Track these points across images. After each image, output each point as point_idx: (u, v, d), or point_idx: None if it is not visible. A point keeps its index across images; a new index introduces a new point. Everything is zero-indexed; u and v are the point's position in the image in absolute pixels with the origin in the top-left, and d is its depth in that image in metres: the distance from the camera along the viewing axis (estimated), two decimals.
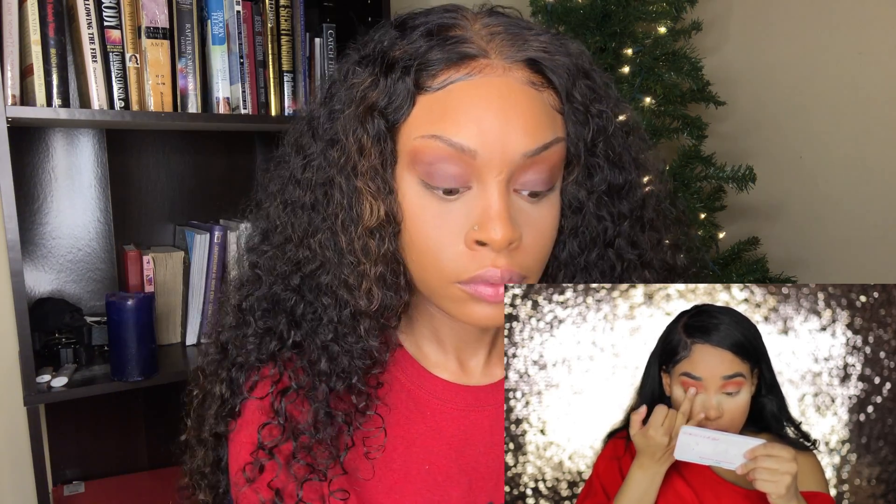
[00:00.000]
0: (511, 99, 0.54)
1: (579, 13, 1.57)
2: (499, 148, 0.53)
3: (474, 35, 0.55)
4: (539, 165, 0.55)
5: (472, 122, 0.53)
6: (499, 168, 0.53)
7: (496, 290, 0.55)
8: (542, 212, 0.57)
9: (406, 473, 0.64)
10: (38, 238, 1.56)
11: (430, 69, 0.54)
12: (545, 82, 0.56)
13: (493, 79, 0.54)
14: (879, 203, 1.56)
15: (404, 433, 0.64)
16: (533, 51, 0.55)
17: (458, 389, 0.66)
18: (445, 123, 0.53)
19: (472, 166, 0.54)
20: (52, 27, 1.27)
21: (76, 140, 1.58)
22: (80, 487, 1.56)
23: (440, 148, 0.54)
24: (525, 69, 0.55)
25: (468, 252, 0.55)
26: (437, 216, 0.55)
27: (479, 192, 0.54)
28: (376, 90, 0.56)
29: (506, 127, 0.53)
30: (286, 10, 1.49)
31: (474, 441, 0.65)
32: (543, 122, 0.55)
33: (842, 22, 1.60)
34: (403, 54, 0.56)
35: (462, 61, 0.54)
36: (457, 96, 0.54)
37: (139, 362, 1.31)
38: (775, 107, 1.76)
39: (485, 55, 0.54)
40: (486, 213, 0.54)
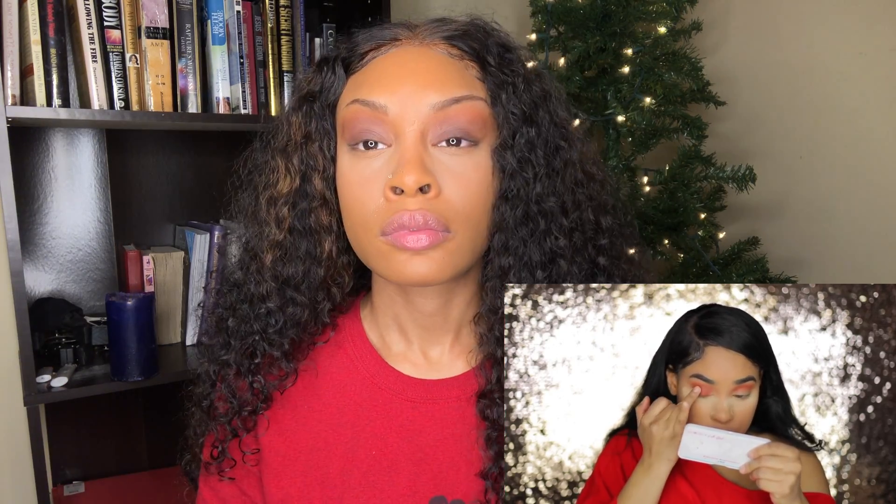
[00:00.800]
0: (423, 61, 0.60)
1: (579, 13, 1.57)
2: (409, 102, 0.59)
3: (403, 28, 0.64)
4: (453, 118, 0.59)
5: (384, 82, 0.60)
6: (410, 120, 0.59)
7: (416, 237, 0.57)
8: (464, 164, 0.60)
9: (354, 456, 0.67)
10: (38, 238, 1.56)
11: (357, 57, 0.63)
12: (464, 55, 0.62)
13: (409, 49, 0.62)
14: (880, 203, 1.56)
15: (356, 419, 0.68)
16: (451, 31, 0.62)
17: (410, 381, 0.68)
18: (363, 88, 0.61)
19: (387, 122, 0.59)
20: (52, 27, 1.27)
21: (76, 140, 1.58)
22: (80, 487, 1.56)
23: (358, 109, 0.60)
24: (443, 43, 0.62)
25: (387, 203, 0.59)
26: (361, 174, 0.61)
27: (396, 145, 0.60)
28: (313, 81, 0.65)
29: (415, 83, 0.59)
30: (286, 10, 1.49)
31: (424, 432, 0.66)
32: (455, 80, 0.60)
33: (842, 22, 1.60)
34: (339, 52, 0.65)
35: (384, 43, 0.63)
36: (376, 67, 0.62)
37: (139, 362, 1.31)
38: (775, 107, 1.76)
39: (407, 36, 0.63)
40: (400, 161, 0.58)
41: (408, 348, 0.70)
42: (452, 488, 0.65)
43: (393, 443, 0.67)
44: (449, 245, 0.59)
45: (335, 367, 0.70)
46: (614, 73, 1.60)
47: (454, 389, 0.67)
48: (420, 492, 0.65)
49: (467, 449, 0.65)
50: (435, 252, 0.58)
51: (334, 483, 0.67)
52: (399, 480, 0.66)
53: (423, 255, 0.58)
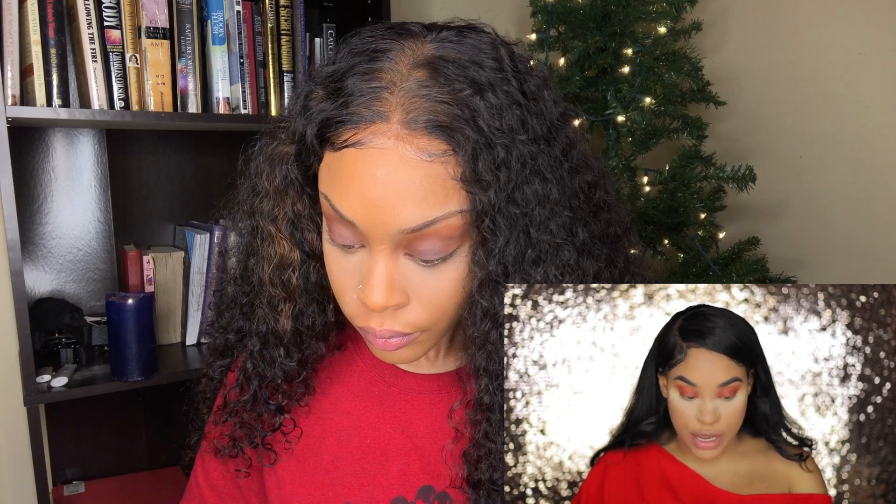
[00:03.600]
0: (397, 174, 0.52)
1: (579, 13, 1.57)
2: (378, 223, 0.53)
3: (392, 87, 0.53)
4: (428, 238, 0.54)
5: (353, 194, 0.53)
6: (379, 239, 0.54)
7: (384, 341, 0.58)
8: (438, 275, 0.56)
9: (348, 444, 0.69)
10: (38, 238, 1.56)
11: (332, 128, 0.54)
12: (448, 150, 0.53)
13: (382, 151, 0.52)
14: (880, 203, 1.56)
15: (351, 408, 0.70)
16: (441, 115, 0.52)
17: (403, 375, 0.70)
18: (333, 188, 0.55)
19: (357, 233, 0.55)
20: (52, 27, 1.27)
21: (76, 140, 1.58)
22: (80, 487, 1.56)
23: (329, 210, 0.56)
24: (425, 137, 0.52)
25: (359, 303, 0.58)
26: (338, 264, 0.59)
27: (367, 253, 0.56)
28: (289, 138, 0.59)
29: (384, 204, 0.52)
30: (286, 10, 1.49)
31: (416, 424, 0.68)
32: (431, 198, 0.53)
33: (842, 22, 1.60)
34: (318, 103, 0.56)
35: (360, 124, 0.53)
36: (347, 162, 0.53)
37: (139, 362, 1.31)
38: (775, 107, 1.76)
39: (384, 119, 0.52)
40: (368, 277, 0.55)
41: None
42: (440, 479, 0.67)
43: (386, 433, 0.68)
44: (420, 338, 0.59)
45: (334, 359, 0.72)
46: (614, 73, 1.60)
47: (445, 385, 0.69)
48: (410, 481, 0.67)
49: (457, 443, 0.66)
50: (406, 348, 0.59)
51: (327, 468, 0.69)
52: (391, 469, 0.68)
53: (395, 351, 0.59)
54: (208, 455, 0.75)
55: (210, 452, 0.74)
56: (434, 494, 0.67)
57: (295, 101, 0.60)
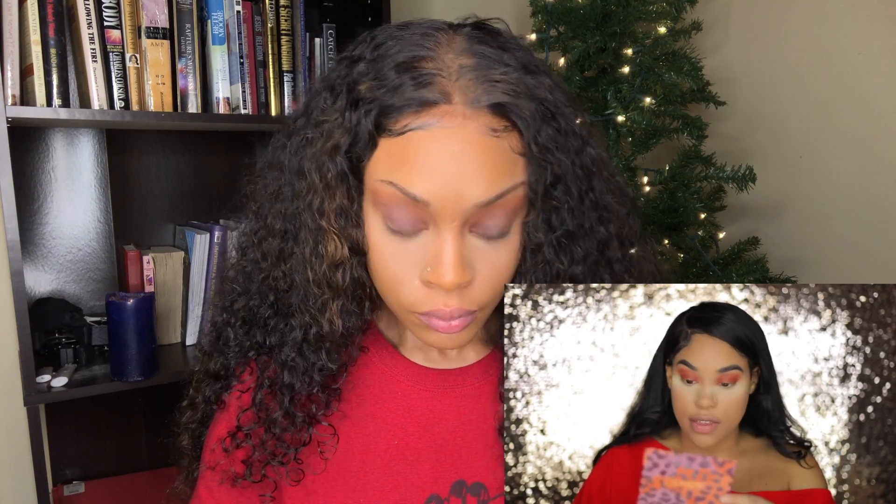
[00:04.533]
0: (467, 150, 0.54)
1: (579, 13, 1.57)
2: (451, 199, 0.54)
3: (442, 72, 0.55)
4: (496, 211, 0.56)
5: (426, 173, 0.54)
6: (451, 216, 0.55)
7: (448, 324, 0.59)
8: (498, 251, 0.58)
9: (376, 447, 0.68)
10: (38, 238, 1.56)
11: (392, 115, 0.55)
12: (508, 126, 0.55)
13: (450, 129, 0.54)
14: (879, 203, 1.56)
15: (376, 411, 0.69)
16: (499, 93, 0.55)
17: (427, 372, 0.69)
18: (401, 172, 0.55)
19: (426, 212, 0.55)
20: (52, 27, 1.27)
21: (76, 140, 1.58)
22: (80, 487, 1.56)
23: (396, 195, 0.55)
24: (487, 114, 0.55)
25: (423, 288, 0.58)
26: (395, 253, 0.58)
27: (434, 234, 0.57)
28: (341, 129, 0.58)
29: (459, 179, 0.54)
30: (286, 10, 1.49)
31: (443, 420, 0.68)
32: (500, 171, 0.55)
33: (842, 22, 1.60)
34: (369, 92, 0.56)
35: (422, 108, 0.54)
36: (414, 145, 0.54)
37: (139, 362, 1.31)
38: (775, 107, 1.76)
39: (447, 100, 0.54)
40: (439, 256, 0.56)
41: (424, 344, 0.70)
42: (472, 471, 0.67)
43: (414, 432, 0.68)
44: (477, 318, 0.60)
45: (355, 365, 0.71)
46: (614, 73, 1.60)
47: (468, 377, 0.69)
48: (442, 478, 0.67)
49: (485, 433, 0.67)
50: (468, 328, 0.60)
51: (356, 474, 0.67)
52: (422, 468, 0.67)
53: (458, 333, 0.60)
54: (220, 487, 0.70)
55: (222, 483, 0.69)
56: (466, 487, 0.67)
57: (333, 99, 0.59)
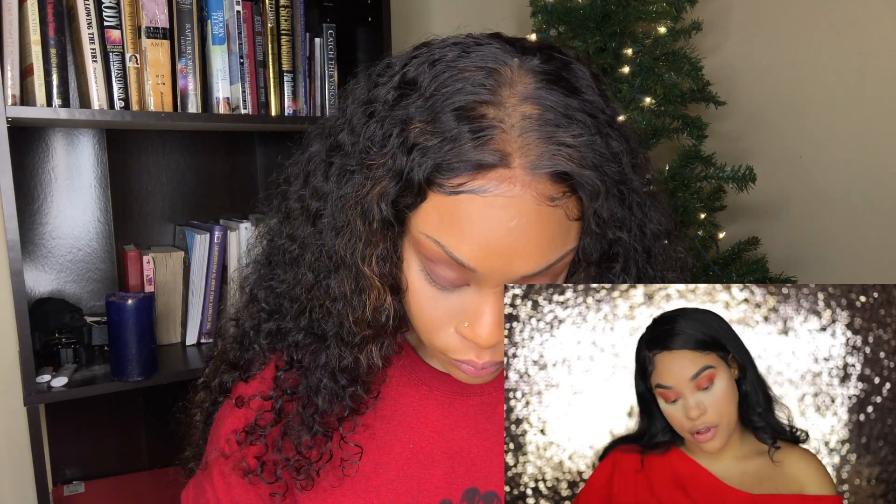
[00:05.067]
0: (523, 224, 0.50)
1: (579, 13, 1.57)
2: (499, 269, 0.52)
3: (504, 123, 0.50)
4: (542, 276, 0.55)
5: (476, 241, 0.51)
6: (496, 283, 0.54)
7: (477, 371, 0.59)
8: None
9: (390, 450, 0.67)
10: (38, 238, 1.56)
11: (445, 171, 0.50)
12: (568, 192, 0.52)
13: (507, 199, 0.50)
14: (879, 203, 1.57)
15: (392, 413, 0.68)
16: (563, 160, 0.50)
17: (444, 377, 0.69)
18: (450, 234, 0.52)
19: (470, 275, 0.54)
20: (52, 27, 1.27)
21: (76, 140, 1.58)
22: (80, 487, 1.56)
23: (440, 254, 0.53)
24: (547, 182, 0.50)
25: (457, 337, 0.57)
26: (432, 301, 0.57)
27: (476, 292, 0.55)
28: (390, 175, 0.53)
29: (511, 252, 0.52)
30: (286, 10, 1.49)
31: (459, 426, 0.68)
32: (554, 243, 0.53)
33: (842, 22, 1.60)
34: (422, 137, 0.51)
35: (479, 170, 0.50)
36: (466, 209, 0.50)
37: (139, 362, 1.31)
38: (775, 107, 1.76)
39: (506, 164, 0.50)
40: (478, 316, 0.55)
41: None
42: (486, 480, 0.67)
43: (428, 436, 0.68)
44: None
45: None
46: (614, 73, 1.60)
47: (486, 385, 0.69)
48: (455, 484, 0.67)
49: (500, 442, 0.67)
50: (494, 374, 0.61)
51: (368, 475, 0.67)
52: (435, 473, 0.67)
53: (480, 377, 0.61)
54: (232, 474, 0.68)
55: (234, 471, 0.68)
56: (479, 496, 0.67)
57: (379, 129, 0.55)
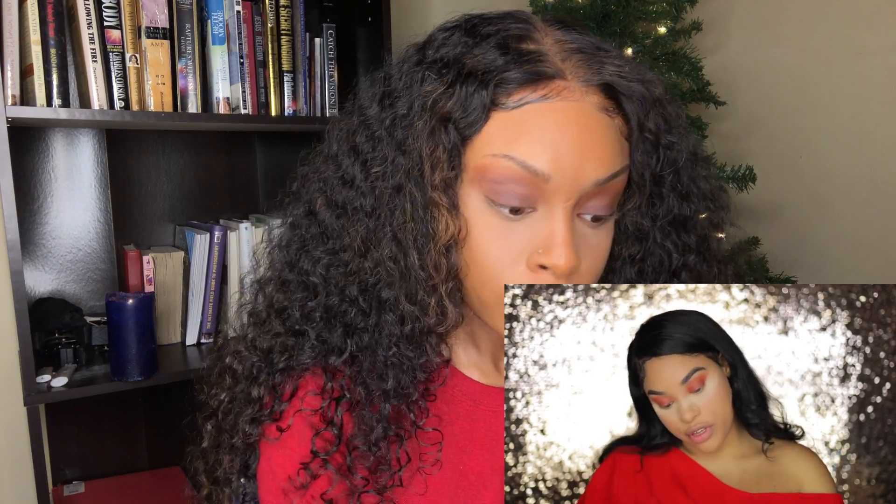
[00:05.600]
0: (587, 125, 0.53)
1: (579, 13, 1.57)
2: (572, 175, 0.53)
3: (549, 52, 0.54)
4: (606, 192, 0.55)
5: (548, 146, 0.52)
6: (568, 194, 0.53)
7: None
8: (600, 237, 0.57)
9: (441, 474, 0.63)
10: (38, 238, 1.56)
11: (507, 86, 0.53)
12: (617, 108, 0.55)
13: (570, 103, 0.53)
14: (879, 203, 1.56)
15: (439, 435, 0.63)
16: (609, 75, 0.54)
17: (489, 391, 0.65)
18: (520, 144, 0.53)
19: (541, 189, 0.53)
20: (52, 27, 1.27)
21: (76, 140, 1.58)
22: (80, 487, 1.56)
23: (511, 168, 0.53)
24: (599, 94, 0.54)
25: (529, 273, 0.55)
26: (500, 234, 0.55)
27: (545, 214, 0.54)
28: (451, 100, 0.54)
29: (581, 154, 0.52)
30: (286, 10, 1.49)
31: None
32: (615, 150, 0.54)
33: (842, 22, 1.60)
34: (478, 65, 0.54)
35: (539, 81, 0.53)
36: (533, 118, 0.53)
37: (139, 362, 1.31)
38: (776, 107, 1.76)
39: (561, 76, 0.53)
40: (552, 238, 0.54)
41: (479, 357, 0.67)
42: None
43: (478, 455, 0.64)
44: None
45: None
46: None
47: None
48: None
49: None
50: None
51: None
52: (486, 495, 0.63)
53: None
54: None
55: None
56: None
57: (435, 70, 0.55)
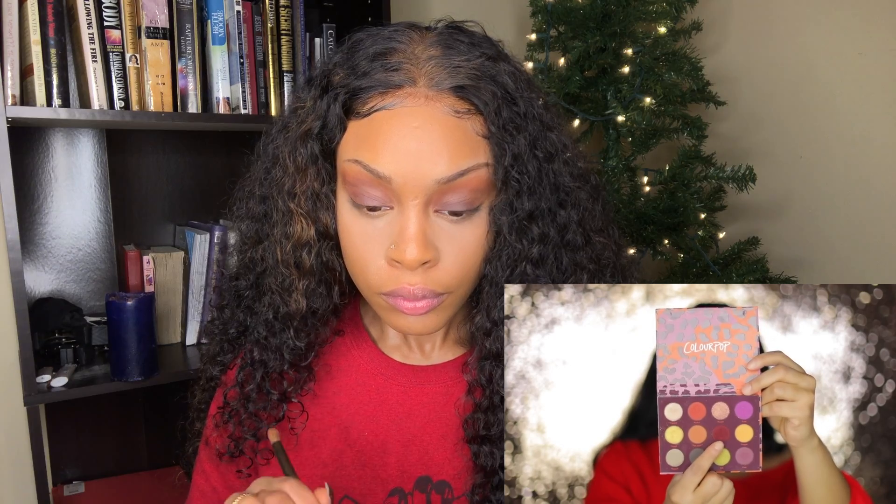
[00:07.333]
0: (428, 127, 0.56)
1: (579, 13, 1.57)
2: (413, 175, 0.56)
3: (411, 61, 0.58)
4: (459, 189, 0.58)
5: (389, 149, 0.56)
6: (413, 193, 0.57)
7: (413, 304, 0.60)
8: (464, 231, 0.60)
9: (347, 437, 0.70)
10: (38, 238, 1.56)
11: (361, 96, 0.58)
12: (472, 109, 0.58)
13: (413, 108, 0.57)
14: (880, 203, 1.56)
15: (349, 401, 0.71)
16: (461, 77, 0.58)
17: (401, 367, 0.71)
18: (365, 150, 0.58)
19: (389, 190, 0.57)
20: (52, 27, 1.27)
21: (76, 140, 1.58)
22: (80, 487, 1.55)
23: (361, 172, 0.58)
24: (451, 97, 0.57)
25: (388, 268, 0.60)
26: (362, 232, 0.60)
27: (399, 212, 0.59)
28: (313, 115, 0.61)
29: (420, 155, 0.56)
30: (286, 10, 1.49)
31: (413, 415, 0.70)
32: (462, 150, 0.57)
33: (842, 22, 1.60)
34: (341, 80, 0.60)
35: (388, 90, 0.57)
36: (379, 124, 0.57)
37: (139, 362, 1.31)
38: (775, 106, 1.76)
39: (411, 83, 0.57)
40: (402, 234, 0.58)
41: (403, 342, 0.73)
42: (438, 469, 0.68)
43: (384, 425, 0.70)
44: (445, 303, 0.62)
45: (333, 354, 0.73)
46: (614, 73, 1.60)
47: (442, 374, 0.71)
48: (408, 472, 0.68)
49: (452, 432, 0.68)
50: (432, 312, 0.61)
51: (325, 462, 0.70)
52: (389, 461, 0.69)
53: (421, 317, 0.61)
54: (208, 463, 0.75)
55: (209, 460, 0.74)
56: (431, 484, 0.68)
57: (309, 89, 0.63)
